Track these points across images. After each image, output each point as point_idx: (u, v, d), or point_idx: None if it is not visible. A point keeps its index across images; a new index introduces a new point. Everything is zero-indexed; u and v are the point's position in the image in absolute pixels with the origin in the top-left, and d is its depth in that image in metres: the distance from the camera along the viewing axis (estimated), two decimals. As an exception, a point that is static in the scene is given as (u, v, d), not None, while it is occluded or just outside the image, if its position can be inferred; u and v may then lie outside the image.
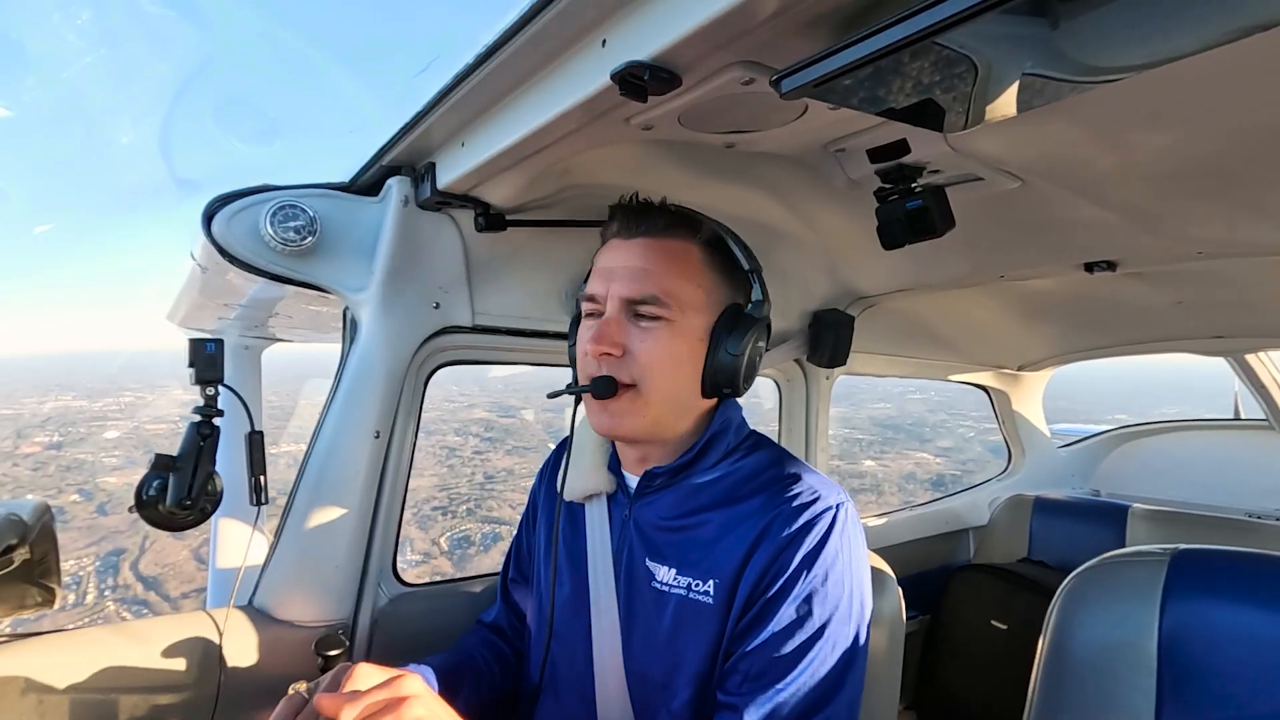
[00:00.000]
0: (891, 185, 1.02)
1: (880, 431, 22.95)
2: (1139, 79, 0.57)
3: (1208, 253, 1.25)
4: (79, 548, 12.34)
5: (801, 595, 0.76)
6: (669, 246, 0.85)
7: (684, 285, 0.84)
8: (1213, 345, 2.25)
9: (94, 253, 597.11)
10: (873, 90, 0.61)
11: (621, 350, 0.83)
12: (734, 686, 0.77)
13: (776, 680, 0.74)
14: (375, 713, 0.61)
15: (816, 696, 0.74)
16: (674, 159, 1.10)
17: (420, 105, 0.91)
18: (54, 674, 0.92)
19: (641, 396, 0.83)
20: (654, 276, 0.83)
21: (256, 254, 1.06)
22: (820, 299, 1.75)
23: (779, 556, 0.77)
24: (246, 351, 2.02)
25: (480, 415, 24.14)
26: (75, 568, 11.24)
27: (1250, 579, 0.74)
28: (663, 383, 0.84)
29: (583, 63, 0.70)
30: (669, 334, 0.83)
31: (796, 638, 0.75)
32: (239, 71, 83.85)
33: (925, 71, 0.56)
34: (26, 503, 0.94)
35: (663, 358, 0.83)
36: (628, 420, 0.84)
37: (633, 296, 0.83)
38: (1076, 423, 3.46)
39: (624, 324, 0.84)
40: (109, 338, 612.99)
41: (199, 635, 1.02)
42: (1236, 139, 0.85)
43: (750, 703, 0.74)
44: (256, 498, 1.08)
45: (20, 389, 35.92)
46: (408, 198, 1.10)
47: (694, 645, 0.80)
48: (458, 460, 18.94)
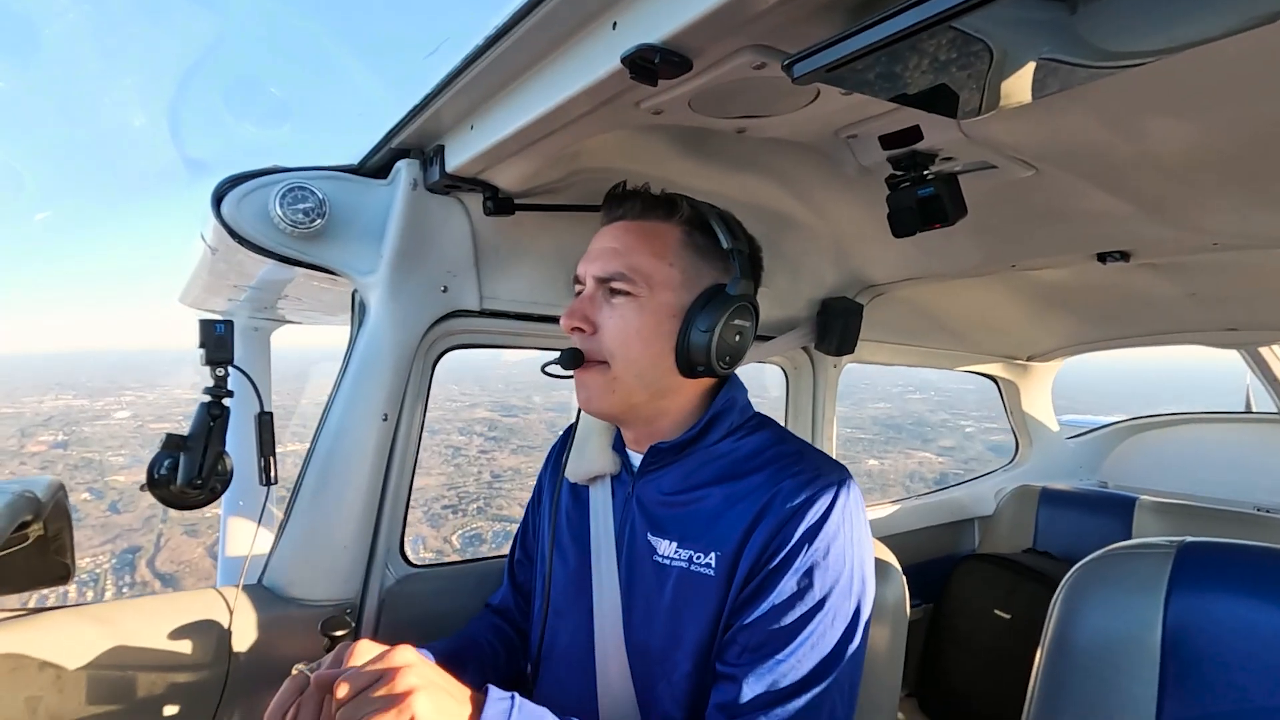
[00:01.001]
0: (903, 172, 1.01)
1: (882, 431, 22.96)
2: (1158, 66, 0.56)
3: (1223, 244, 1.23)
4: (94, 545, 12.53)
5: (803, 568, 0.77)
6: (643, 227, 0.88)
7: (655, 264, 0.86)
8: (1226, 338, 2.23)
9: (92, 244, 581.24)
10: (886, 75, 0.60)
11: (592, 327, 0.87)
12: (733, 657, 0.78)
13: (776, 651, 0.75)
14: (370, 683, 0.62)
15: (817, 668, 0.75)
16: (684, 145, 1.10)
17: (429, 87, 0.90)
18: (68, 648, 0.94)
19: (610, 371, 0.86)
20: (622, 255, 0.86)
21: (266, 235, 1.06)
22: (829, 287, 1.74)
23: (781, 530, 0.78)
24: (256, 333, 2.03)
25: (483, 415, 24.25)
26: (92, 564, 11.46)
27: (1257, 573, 0.74)
28: (630, 357, 0.86)
29: (593, 45, 0.70)
30: (635, 309, 0.85)
31: (797, 610, 0.76)
32: (248, 53, 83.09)
33: (940, 56, 0.56)
34: (40, 480, 0.95)
35: (627, 332, 0.85)
36: (598, 394, 0.88)
37: (600, 274, 0.87)
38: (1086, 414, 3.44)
39: (597, 301, 0.88)
40: (107, 337, 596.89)
41: (209, 612, 1.04)
42: (1256, 129, 0.84)
43: (750, 673, 0.75)
44: (265, 478, 1.09)
45: (19, 388, 36.24)
46: (416, 181, 1.10)
47: (695, 617, 0.82)
48: (464, 459, 19.06)
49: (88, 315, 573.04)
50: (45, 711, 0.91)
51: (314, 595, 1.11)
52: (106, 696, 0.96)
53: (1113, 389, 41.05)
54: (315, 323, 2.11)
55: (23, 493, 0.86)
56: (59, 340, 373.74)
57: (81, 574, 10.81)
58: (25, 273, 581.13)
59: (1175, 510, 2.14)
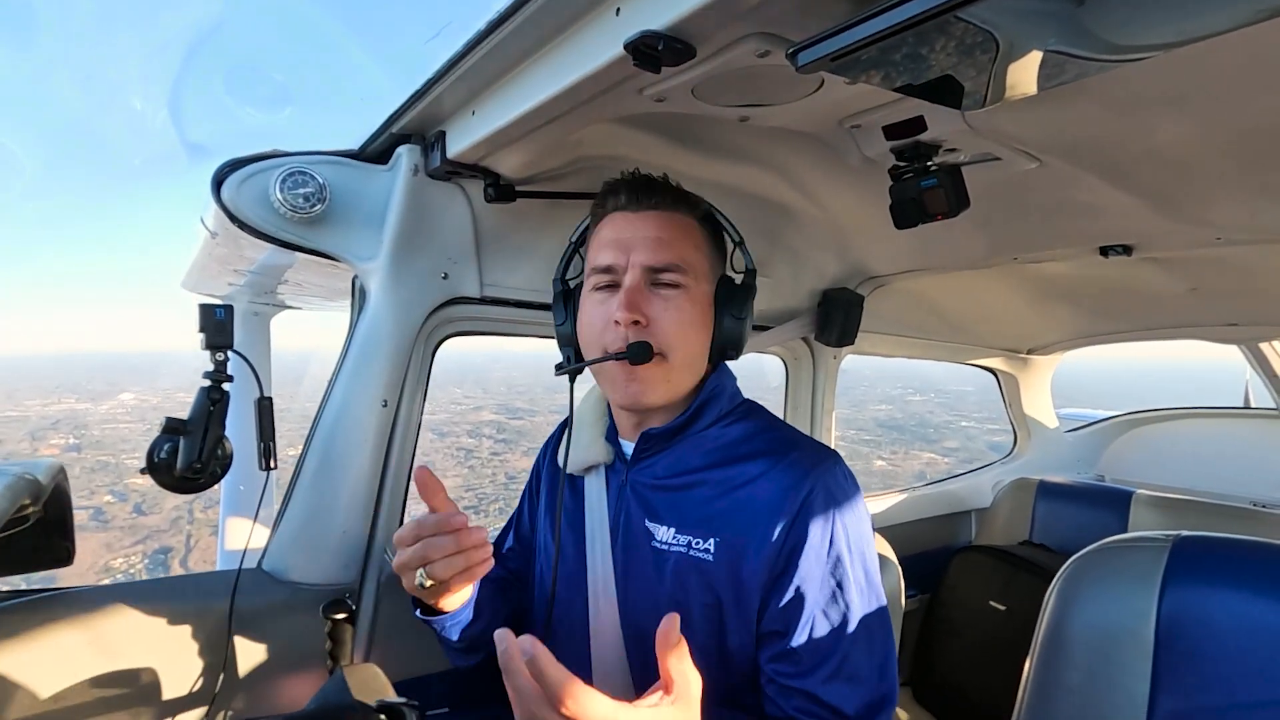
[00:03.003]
0: (906, 163, 1.01)
1: (886, 433, 23.03)
2: (1164, 59, 0.55)
3: (1226, 238, 1.23)
4: (125, 546, 12.62)
5: (824, 547, 0.80)
6: (677, 218, 0.89)
7: (696, 256, 0.89)
8: (1226, 333, 2.23)
9: (87, 240, 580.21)
10: (891, 65, 0.59)
11: (647, 320, 0.85)
12: (789, 670, 0.80)
13: (817, 625, 0.79)
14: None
15: (869, 647, 0.80)
16: (686, 134, 1.09)
17: (431, 72, 0.90)
18: (69, 631, 0.94)
19: (667, 363, 0.86)
20: (672, 245, 0.86)
21: (266, 220, 1.05)
22: (830, 278, 1.74)
23: (788, 517, 0.80)
24: (256, 318, 2.03)
25: (489, 417, 24.31)
26: (125, 565, 11.64)
27: (1251, 567, 0.74)
28: (685, 349, 0.87)
29: (596, 32, 0.69)
30: (688, 301, 0.87)
31: (834, 607, 0.80)
32: (247, 36, 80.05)
33: (945, 47, 0.55)
34: (39, 463, 0.95)
35: (684, 324, 0.86)
36: (654, 387, 0.87)
37: (655, 264, 0.85)
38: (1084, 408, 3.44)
39: (644, 292, 0.86)
40: (105, 337, 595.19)
41: (209, 596, 1.04)
42: (1261, 122, 0.83)
43: (813, 680, 0.78)
44: (265, 463, 1.09)
45: (19, 390, 36.14)
46: (417, 166, 1.10)
47: (696, 602, 0.83)
48: (477, 461, 19.11)
49: (85, 315, 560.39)
50: (46, 694, 0.92)
51: (313, 579, 1.12)
52: (107, 679, 0.96)
53: (1110, 386, 41.12)
54: (315, 308, 2.10)
55: (22, 474, 0.86)
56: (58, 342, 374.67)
57: (117, 574, 10.94)
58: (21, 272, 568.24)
59: (1171, 504, 2.15)
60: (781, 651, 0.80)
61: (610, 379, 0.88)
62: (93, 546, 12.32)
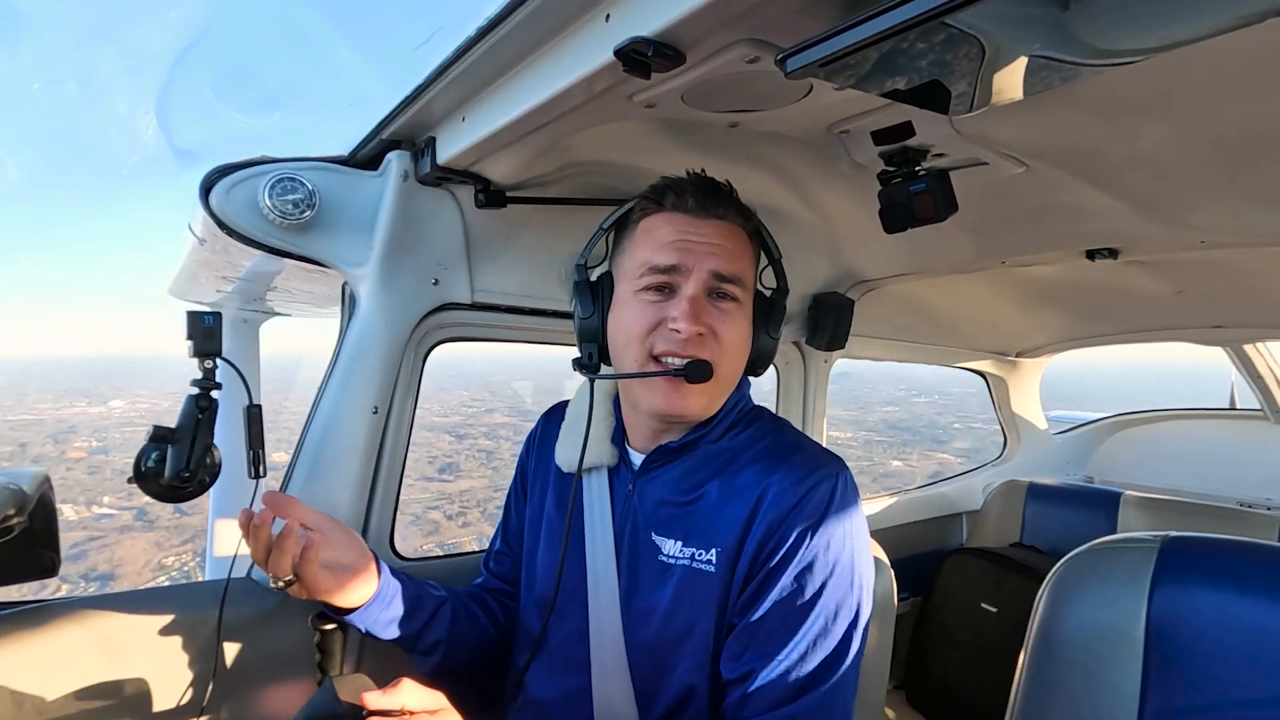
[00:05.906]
0: (895, 168, 1.01)
1: (896, 434, 23.12)
2: (1148, 64, 0.56)
3: (1211, 241, 1.24)
4: (175, 545, 12.64)
5: (803, 564, 0.78)
6: (736, 230, 0.87)
7: (750, 271, 0.88)
8: (1212, 335, 2.25)
9: (77, 242, 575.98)
10: (879, 71, 0.60)
11: (711, 332, 0.83)
12: (739, 657, 0.78)
13: (780, 649, 0.76)
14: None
15: (823, 665, 0.76)
16: (676, 138, 1.09)
17: (421, 78, 0.89)
18: (56, 642, 0.93)
19: (715, 376, 0.83)
20: (736, 257, 0.85)
21: (255, 227, 1.05)
22: (821, 282, 1.74)
23: (780, 526, 0.79)
24: (245, 325, 2.01)
25: (501, 419, 24.22)
26: (178, 562, 11.78)
27: (1239, 567, 0.75)
28: (733, 365, 0.86)
29: (586, 38, 0.69)
30: (742, 317, 0.86)
31: (800, 606, 0.77)
32: (236, 40, 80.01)
33: (932, 52, 0.56)
34: (25, 472, 0.94)
35: (738, 341, 0.85)
36: (698, 402, 0.84)
37: (724, 273, 0.83)
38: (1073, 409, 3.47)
39: (704, 303, 0.83)
40: (102, 340, 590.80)
41: (198, 605, 1.03)
42: (1245, 127, 0.84)
43: (758, 672, 0.76)
44: (255, 471, 1.08)
45: (28, 394, 35.72)
46: (407, 172, 1.09)
47: (698, 613, 0.82)
48: (500, 463, 19.04)
49: (82, 317, 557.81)
50: (32, 706, 0.91)
51: None
52: (95, 690, 0.95)
53: (1098, 388, 41.49)
54: (305, 315, 2.09)
55: (7, 485, 0.84)
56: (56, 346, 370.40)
57: (172, 571, 10.95)
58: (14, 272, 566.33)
59: (1160, 505, 2.17)
60: (739, 652, 0.79)
61: (650, 386, 0.84)
62: (143, 546, 12.30)
